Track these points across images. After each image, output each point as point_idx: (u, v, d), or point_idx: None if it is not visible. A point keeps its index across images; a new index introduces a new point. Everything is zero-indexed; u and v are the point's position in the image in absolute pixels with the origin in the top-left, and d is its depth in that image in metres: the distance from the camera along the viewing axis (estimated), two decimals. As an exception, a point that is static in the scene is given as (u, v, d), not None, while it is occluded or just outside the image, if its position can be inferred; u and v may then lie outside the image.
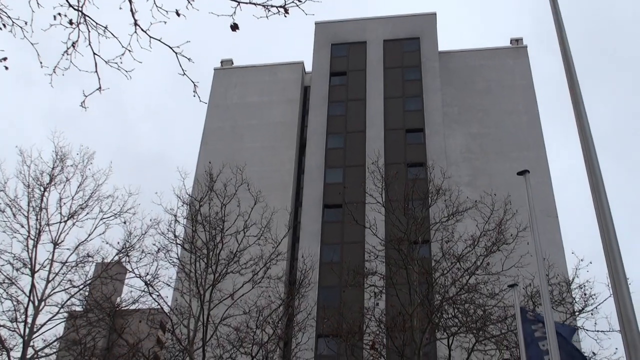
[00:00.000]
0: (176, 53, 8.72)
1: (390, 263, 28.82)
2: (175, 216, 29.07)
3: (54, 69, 8.70)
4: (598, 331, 25.04)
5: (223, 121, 53.12)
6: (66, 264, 28.42)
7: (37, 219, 28.73)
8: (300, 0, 8.31)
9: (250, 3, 8.40)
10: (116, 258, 29.21)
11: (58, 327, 49.66)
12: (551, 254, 28.47)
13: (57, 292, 28.14)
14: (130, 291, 29.13)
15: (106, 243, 29.05)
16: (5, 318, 27.25)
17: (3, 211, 28.60)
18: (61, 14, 8.41)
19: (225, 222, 28.95)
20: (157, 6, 8.40)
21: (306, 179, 48.23)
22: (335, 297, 37.32)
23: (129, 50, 8.65)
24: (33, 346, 26.77)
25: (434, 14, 54.48)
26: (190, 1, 8.37)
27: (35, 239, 28.31)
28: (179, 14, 8.42)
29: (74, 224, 29.38)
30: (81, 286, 28.51)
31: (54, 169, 29.79)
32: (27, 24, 8.66)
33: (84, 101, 8.99)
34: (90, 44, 8.63)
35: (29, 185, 29.18)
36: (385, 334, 26.66)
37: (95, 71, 8.88)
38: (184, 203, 29.96)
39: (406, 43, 53.65)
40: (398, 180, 32.05)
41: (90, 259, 28.95)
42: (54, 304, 27.87)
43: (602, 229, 7.67)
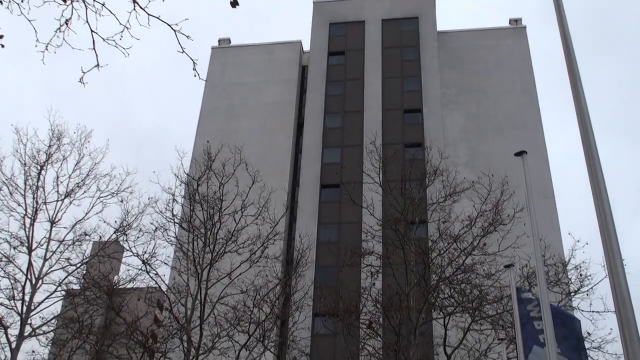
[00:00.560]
0: (175, 31, 8.68)
1: (387, 243, 28.89)
2: (173, 195, 29.10)
3: (46, 46, 8.66)
4: (593, 312, 25.21)
5: (220, 101, 52.98)
6: (63, 243, 28.47)
7: (34, 198, 28.72)
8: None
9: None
10: (113, 237, 29.23)
11: (56, 305, 49.87)
12: (547, 235, 28.50)
13: (55, 271, 28.22)
14: (128, 270, 29.18)
15: (103, 222, 29.10)
16: (2, 296, 27.33)
17: (0, 189, 28.58)
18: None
19: (223, 202, 28.97)
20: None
21: (304, 158, 48.20)
22: (332, 277, 37.43)
23: (127, 28, 8.61)
24: (31, 324, 26.89)
25: (433, -6, 54.22)
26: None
27: (32, 218, 28.32)
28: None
29: (71, 203, 29.37)
30: (78, 264, 28.56)
31: (50, 147, 29.74)
32: (24, 0, 8.59)
33: (82, 78, 8.96)
34: (88, 21, 8.58)
35: (25, 164, 29.14)
36: (381, 313, 26.79)
37: (93, 48, 8.84)
38: (182, 182, 29.98)
39: (404, 22, 53.42)
40: (396, 160, 32.06)
41: (87, 238, 29.00)
42: (51, 282, 27.94)
43: (599, 210, 7.69)
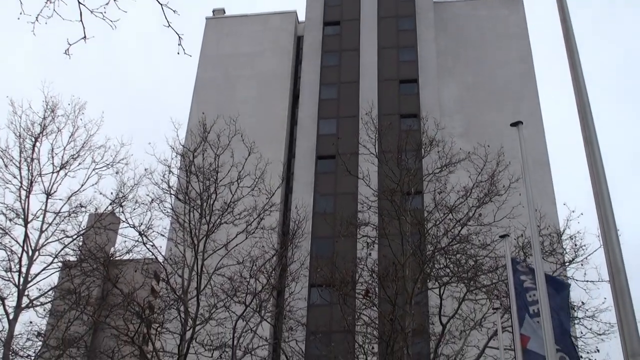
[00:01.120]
0: (161, 4, 8.61)
1: (383, 214, 28.98)
2: (169, 167, 29.07)
3: (36, 17, 8.59)
4: (587, 281, 25.36)
5: (215, 72, 52.67)
6: (59, 214, 28.45)
7: (29, 170, 28.65)
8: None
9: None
10: (109, 208, 29.23)
11: (52, 277, 50.01)
12: (543, 206, 28.66)
13: (51, 242, 28.23)
14: (124, 241, 29.23)
15: (99, 193, 29.04)
16: (-1, 268, 27.36)
17: (-6, 161, 28.48)
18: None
19: (218, 173, 28.96)
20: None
21: (299, 130, 48.11)
22: (328, 248, 37.57)
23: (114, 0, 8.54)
24: (28, 295, 26.97)
25: (429, -37, 53.68)
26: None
27: (28, 190, 28.26)
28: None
29: (66, 175, 29.31)
30: (75, 236, 28.59)
31: (44, 119, 29.59)
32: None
33: (67, 49, 8.91)
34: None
35: (20, 136, 29.02)
36: (377, 283, 26.93)
37: (80, 20, 8.77)
38: (177, 154, 29.93)
39: (400, -8, 52.97)
40: (391, 131, 32.03)
41: (83, 209, 28.98)
42: (47, 254, 27.99)
43: (594, 181, 7.71)
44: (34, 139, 29.07)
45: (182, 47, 9.10)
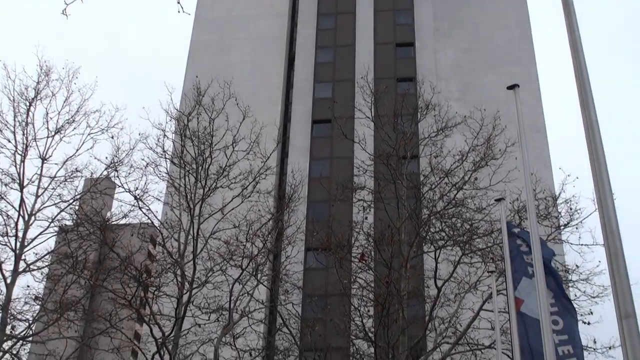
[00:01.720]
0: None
1: (379, 178, 28.99)
2: (163, 131, 28.99)
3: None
4: (582, 245, 25.50)
5: (210, 35, 52.19)
6: (55, 179, 28.42)
7: (24, 134, 28.54)
8: None
9: None
10: (105, 173, 29.20)
11: (49, 241, 50.08)
12: (538, 170, 28.65)
13: (47, 207, 28.25)
14: (120, 206, 29.26)
15: (94, 158, 28.98)
16: (-5, 232, 27.39)
17: (-11, 126, 28.34)
18: None
19: (213, 137, 28.89)
20: None
21: (295, 93, 47.90)
22: (324, 212, 37.64)
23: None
24: (25, 259, 27.06)
25: None
26: None
27: (23, 154, 28.20)
28: None
29: (61, 139, 29.21)
30: (71, 201, 28.59)
31: (39, 83, 29.40)
32: None
33: (65, 10, 8.82)
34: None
35: (14, 100, 28.85)
36: (373, 247, 27.05)
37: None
38: (172, 118, 29.81)
39: (397, -46, 52.35)
40: (387, 95, 31.92)
41: (78, 174, 28.92)
42: (44, 218, 28.02)
43: (590, 144, 7.70)
44: (28, 104, 28.92)
45: (181, 5, 9.01)
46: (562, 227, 26.19)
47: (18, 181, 27.70)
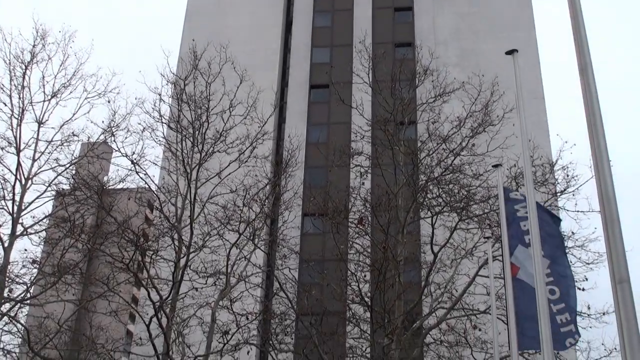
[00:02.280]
0: None
1: (377, 143, 28.97)
2: (160, 95, 28.85)
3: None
4: (578, 211, 25.57)
5: (207, -3, 51.62)
6: (51, 143, 28.35)
7: (20, 98, 28.40)
8: None
9: None
10: (102, 137, 29.12)
11: (46, 205, 50.18)
12: (536, 136, 28.60)
13: (44, 171, 28.23)
14: (117, 170, 29.27)
15: (91, 122, 28.91)
16: (-8, 196, 27.40)
17: (-15, 90, 28.18)
18: None
19: (210, 101, 28.77)
20: None
21: (292, 58, 47.59)
22: (321, 177, 37.72)
23: None
24: (22, 223, 27.13)
25: None
26: None
27: (19, 118, 28.08)
28: None
29: (57, 103, 29.07)
30: (67, 165, 28.57)
31: (35, 46, 29.17)
32: None
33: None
34: None
35: (10, 63, 28.66)
36: (370, 212, 27.13)
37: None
38: (168, 82, 29.67)
39: None
40: (385, 60, 31.76)
41: (75, 138, 28.86)
42: (41, 182, 28.03)
43: (588, 111, 7.68)
44: (24, 67, 28.72)
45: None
46: (559, 194, 26.24)
47: (15, 145, 27.65)
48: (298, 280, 29.32)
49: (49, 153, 28.21)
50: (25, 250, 27.86)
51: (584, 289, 24.67)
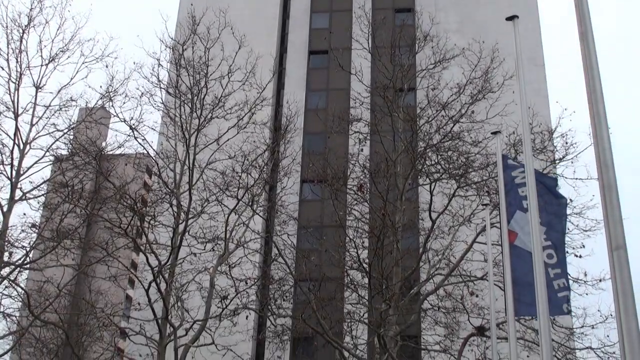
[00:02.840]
0: None
1: (376, 110, 28.88)
2: (158, 60, 28.72)
3: None
4: (576, 179, 25.58)
5: (206, -39, 51.00)
6: (49, 108, 28.25)
7: (18, 62, 28.22)
8: None
9: None
10: (100, 102, 29.02)
11: (45, 170, 50.18)
12: (536, 104, 28.47)
13: (42, 136, 28.17)
14: (116, 135, 29.24)
15: (89, 87, 28.83)
16: (-10, 161, 27.36)
17: (-18, 53, 27.98)
18: None
19: (209, 67, 28.62)
20: None
21: (291, 24, 47.18)
22: (320, 143, 37.66)
23: None
24: (21, 188, 27.15)
25: None
26: None
27: (17, 82, 27.95)
28: None
29: (55, 68, 28.89)
30: (65, 130, 28.51)
31: (32, 9, 28.91)
32: None
33: None
34: None
35: (7, 27, 28.43)
36: (369, 179, 27.14)
37: None
38: (166, 47, 29.50)
39: None
40: (385, 26, 31.49)
41: (73, 103, 28.75)
42: (39, 147, 28.00)
43: (588, 77, 7.64)
44: (21, 31, 28.50)
45: None
46: (558, 161, 26.23)
47: (12, 109, 27.54)
48: (296, 246, 29.42)
49: (47, 118, 28.16)
50: (25, 214, 27.93)
51: (580, 256, 24.79)
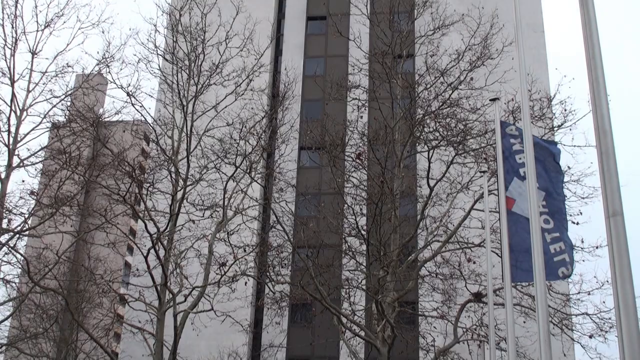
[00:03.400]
0: None
1: (374, 76, 28.74)
2: (155, 26, 28.51)
3: None
4: (574, 146, 25.56)
5: None
6: (46, 74, 28.08)
7: (13, 27, 27.99)
8: None
9: None
10: (96, 69, 28.84)
11: (42, 137, 50.03)
12: (535, 71, 28.38)
13: (39, 102, 28.06)
14: (113, 102, 29.16)
15: (85, 53, 28.60)
16: (-13, 127, 27.27)
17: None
18: None
19: (206, 33, 28.39)
20: None
21: (290, -11, 46.76)
22: (318, 110, 37.54)
23: None
24: (18, 155, 27.09)
25: None
26: None
27: (13, 48, 27.74)
28: None
29: (50, 33, 28.66)
30: (62, 96, 28.37)
31: (27, -26, 28.63)
32: None
33: None
34: None
35: (2, -9, 28.13)
36: (367, 146, 27.11)
37: None
38: (163, 12, 29.24)
39: None
40: (384, -9, 31.19)
41: (70, 69, 28.55)
42: (36, 114, 27.90)
43: (587, 44, 7.59)
44: (16, -4, 28.19)
45: None
46: (556, 128, 26.18)
47: (9, 75, 27.38)
48: (295, 214, 29.48)
49: (43, 84, 28.00)
50: (23, 181, 27.91)
51: (578, 223, 24.83)
